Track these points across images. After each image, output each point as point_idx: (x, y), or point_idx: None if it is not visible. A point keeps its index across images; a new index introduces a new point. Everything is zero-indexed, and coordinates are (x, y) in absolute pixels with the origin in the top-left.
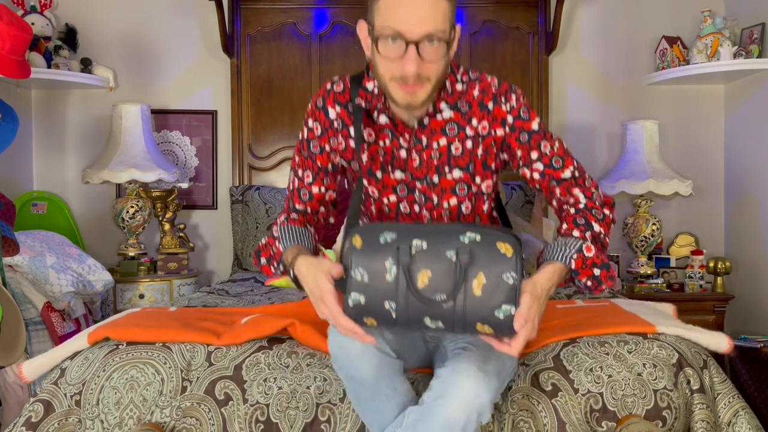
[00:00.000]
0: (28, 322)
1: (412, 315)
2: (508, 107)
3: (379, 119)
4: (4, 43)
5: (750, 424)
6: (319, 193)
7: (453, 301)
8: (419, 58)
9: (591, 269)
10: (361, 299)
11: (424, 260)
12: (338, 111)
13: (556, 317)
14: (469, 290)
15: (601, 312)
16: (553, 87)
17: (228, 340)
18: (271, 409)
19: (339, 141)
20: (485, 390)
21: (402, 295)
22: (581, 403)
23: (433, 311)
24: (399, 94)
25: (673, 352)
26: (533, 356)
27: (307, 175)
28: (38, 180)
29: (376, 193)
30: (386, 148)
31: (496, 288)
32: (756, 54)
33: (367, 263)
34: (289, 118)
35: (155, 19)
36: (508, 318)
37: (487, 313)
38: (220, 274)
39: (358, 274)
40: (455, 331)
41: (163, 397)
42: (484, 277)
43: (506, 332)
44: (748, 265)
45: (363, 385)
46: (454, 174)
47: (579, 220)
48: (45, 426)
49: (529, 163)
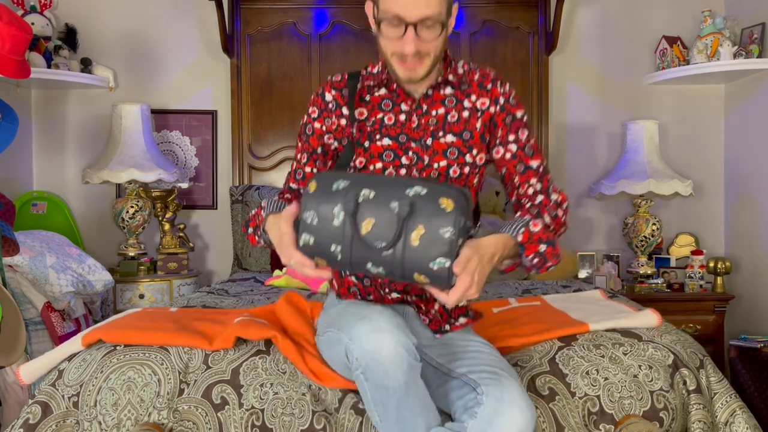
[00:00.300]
0: (28, 322)
1: (355, 259)
2: (502, 90)
3: (376, 92)
4: (4, 43)
5: (747, 424)
6: (311, 173)
7: (393, 249)
8: (417, 38)
9: (537, 245)
10: (311, 240)
11: (370, 209)
12: (333, 94)
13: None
14: (408, 240)
15: (535, 313)
16: (553, 87)
17: (219, 345)
18: (266, 414)
19: (333, 121)
20: (533, 419)
21: (347, 240)
22: (579, 407)
23: (374, 257)
24: (400, 69)
25: (668, 353)
26: (528, 360)
27: (303, 157)
28: (38, 180)
29: (363, 162)
30: (377, 119)
31: (433, 240)
32: (756, 54)
33: (317, 207)
34: (289, 118)
35: (155, 19)
36: (442, 270)
37: (424, 264)
38: (220, 274)
39: (308, 217)
40: (395, 277)
41: (160, 399)
42: (423, 229)
43: (441, 284)
44: (749, 265)
45: (393, 395)
46: (447, 138)
47: (532, 210)
48: (43, 428)
49: (506, 143)
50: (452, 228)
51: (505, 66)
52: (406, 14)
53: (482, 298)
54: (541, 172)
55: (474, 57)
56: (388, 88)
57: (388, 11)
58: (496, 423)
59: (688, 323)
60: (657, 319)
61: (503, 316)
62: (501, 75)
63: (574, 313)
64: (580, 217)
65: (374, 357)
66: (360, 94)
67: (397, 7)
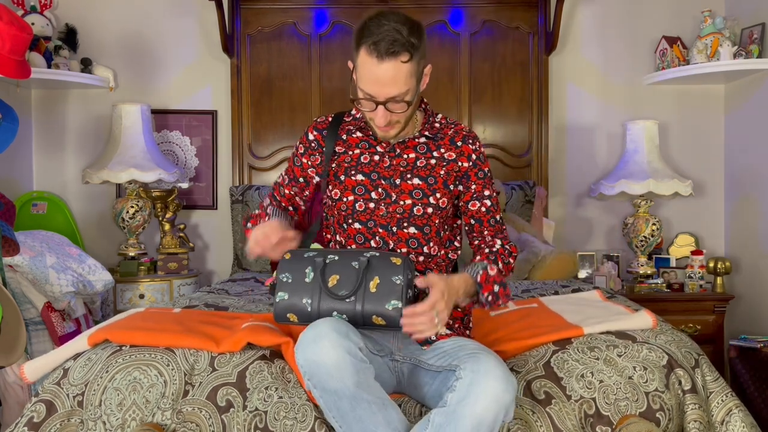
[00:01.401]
0: (28, 322)
1: (323, 308)
2: (474, 147)
3: (354, 134)
4: (4, 43)
5: (744, 422)
6: (290, 194)
7: (354, 296)
8: (387, 112)
9: (492, 285)
10: (285, 296)
11: (335, 268)
12: (315, 135)
13: (487, 329)
14: (367, 289)
15: (532, 316)
16: (553, 87)
17: (227, 347)
18: (269, 417)
19: (315, 158)
20: (511, 388)
21: (316, 293)
22: (575, 410)
23: (339, 306)
24: (375, 130)
25: (662, 354)
26: (523, 365)
27: (286, 179)
28: (38, 180)
29: (338, 194)
30: (354, 156)
31: (388, 287)
32: (756, 54)
33: (291, 269)
34: (289, 118)
35: (155, 19)
36: (396, 310)
37: (381, 307)
38: (220, 274)
39: (283, 277)
40: (356, 322)
41: (165, 400)
42: (378, 279)
43: (394, 323)
44: (749, 265)
45: (343, 396)
46: (414, 181)
47: (491, 257)
48: (47, 426)
49: (482, 197)
50: (402, 277)
51: (505, 66)
52: (377, 95)
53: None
54: (501, 225)
55: (474, 57)
56: (365, 133)
57: (362, 89)
58: (473, 392)
59: (687, 323)
60: (651, 321)
61: (500, 320)
62: (473, 132)
63: (569, 315)
64: (580, 217)
65: (317, 363)
66: (339, 133)
67: (368, 88)
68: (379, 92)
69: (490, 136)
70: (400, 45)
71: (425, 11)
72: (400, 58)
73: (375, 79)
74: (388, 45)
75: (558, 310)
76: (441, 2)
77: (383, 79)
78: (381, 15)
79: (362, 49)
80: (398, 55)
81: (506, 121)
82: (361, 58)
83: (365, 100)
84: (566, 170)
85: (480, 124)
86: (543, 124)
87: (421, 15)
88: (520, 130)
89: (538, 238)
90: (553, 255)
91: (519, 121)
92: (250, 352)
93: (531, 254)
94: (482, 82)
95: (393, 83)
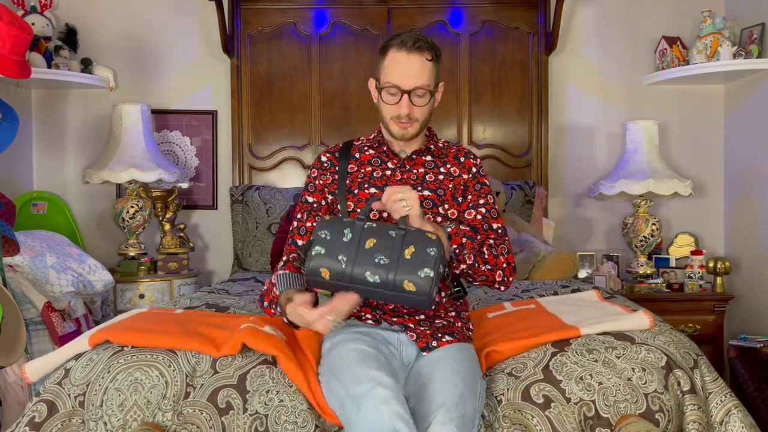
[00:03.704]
0: (28, 322)
1: (357, 269)
2: (474, 162)
3: (367, 152)
4: (4, 43)
5: (743, 422)
6: (312, 227)
7: (388, 259)
8: (410, 103)
9: (461, 238)
10: (322, 250)
11: (372, 233)
12: (328, 156)
13: (484, 331)
14: (402, 255)
15: (529, 318)
16: (553, 87)
17: (226, 351)
18: (270, 420)
19: (327, 177)
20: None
21: (353, 251)
22: (575, 412)
23: (374, 267)
24: (395, 128)
25: (661, 355)
26: (522, 369)
27: (304, 215)
28: (38, 180)
29: (352, 206)
30: (366, 172)
31: (422, 256)
32: (756, 54)
33: (330, 227)
34: (289, 118)
35: (155, 19)
36: (428, 279)
37: (413, 274)
38: (220, 274)
39: (322, 234)
40: (387, 285)
41: (166, 401)
42: (414, 248)
43: (424, 292)
44: (748, 265)
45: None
46: (424, 192)
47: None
48: (48, 426)
49: (477, 206)
50: (436, 249)
51: (505, 66)
52: (402, 84)
53: (480, 304)
54: (499, 233)
55: (474, 57)
56: (378, 150)
57: (388, 81)
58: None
59: (687, 323)
60: (649, 321)
61: (498, 321)
62: (472, 152)
63: (566, 316)
64: (579, 217)
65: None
66: (352, 153)
67: (395, 78)
68: (406, 82)
69: (490, 136)
70: (425, 43)
71: (425, 11)
72: (425, 55)
73: (403, 69)
74: (414, 41)
75: (555, 311)
76: (441, 2)
77: (410, 70)
78: (404, 33)
79: (391, 49)
80: (423, 51)
81: (506, 121)
82: (390, 57)
83: (390, 94)
84: (566, 170)
85: (480, 124)
86: (543, 124)
87: (421, 15)
88: (519, 130)
89: (537, 238)
90: (553, 255)
91: (519, 121)
92: (253, 355)
93: (531, 254)
94: (482, 82)
95: (419, 74)
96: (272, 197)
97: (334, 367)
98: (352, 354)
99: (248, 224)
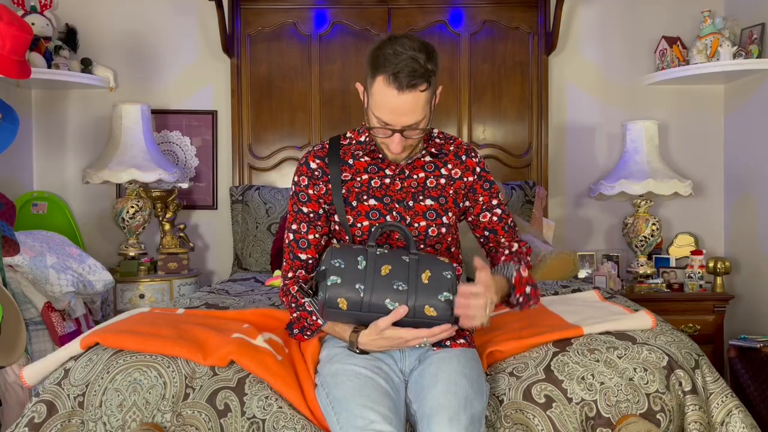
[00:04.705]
0: (28, 322)
1: (375, 296)
2: (476, 160)
3: (361, 158)
4: (4, 43)
5: (744, 423)
6: (315, 239)
7: (407, 285)
8: (402, 139)
9: (524, 287)
10: (338, 280)
11: (386, 259)
12: (317, 163)
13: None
14: (420, 280)
15: (531, 316)
16: (553, 87)
17: (213, 362)
18: (267, 425)
19: (320, 187)
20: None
21: (369, 279)
22: (576, 412)
23: (393, 294)
24: (386, 153)
25: (662, 355)
26: (523, 369)
27: (302, 227)
28: (38, 180)
29: (351, 220)
30: (363, 181)
31: (439, 280)
32: (756, 54)
33: (343, 256)
34: (289, 118)
35: (155, 19)
36: (448, 301)
37: (433, 298)
38: (220, 274)
39: (336, 263)
40: (408, 313)
41: (165, 402)
42: (430, 272)
43: (445, 316)
44: (748, 265)
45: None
46: (426, 202)
47: (515, 258)
48: (48, 427)
49: (491, 207)
50: (451, 272)
51: (505, 66)
52: (394, 123)
53: None
54: (514, 228)
55: (474, 57)
56: (373, 156)
57: (378, 117)
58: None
59: (687, 323)
60: (651, 321)
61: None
62: (471, 146)
63: (568, 316)
64: (580, 217)
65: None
66: (343, 158)
67: (386, 117)
68: (397, 121)
69: (490, 136)
70: (420, 75)
71: (425, 11)
72: (419, 89)
73: (393, 109)
74: (408, 77)
75: (557, 310)
76: (441, 2)
77: (402, 110)
78: (395, 41)
79: (380, 78)
80: (418, 86)
81: (506, 121)
82: (378, 87)
83: (381, 129)
84: (566, 170)
85: (480, 124)
86: (543, 124)
87: (421, 15)
88: (520, 130)
89: (538, 238)
90: (553, 255)
91: (519, 121)
92: None
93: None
94: (482, 82)
95: (411, 113)
96: (272, 197)
97: (330, 391)
98: (349, 385)
99: (248, 224)
